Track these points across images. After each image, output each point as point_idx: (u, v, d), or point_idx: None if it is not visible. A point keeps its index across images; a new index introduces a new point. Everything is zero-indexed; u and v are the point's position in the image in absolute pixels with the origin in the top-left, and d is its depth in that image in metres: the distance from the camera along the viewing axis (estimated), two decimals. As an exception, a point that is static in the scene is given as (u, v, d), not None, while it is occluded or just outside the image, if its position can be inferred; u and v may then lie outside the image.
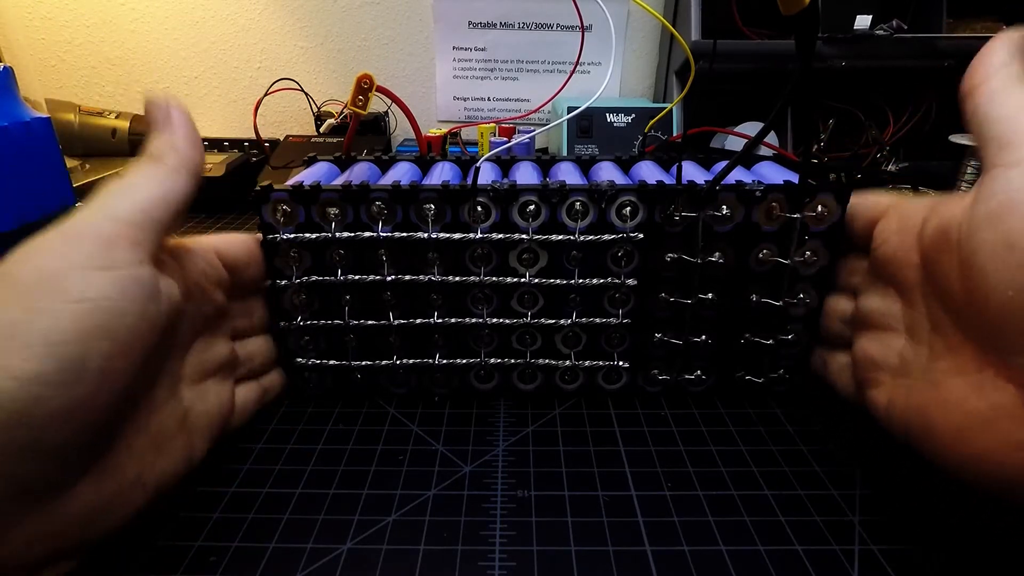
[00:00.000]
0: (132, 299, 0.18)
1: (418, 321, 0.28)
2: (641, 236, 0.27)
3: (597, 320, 0.28)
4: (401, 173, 0.30)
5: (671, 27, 0.54)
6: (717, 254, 0.27)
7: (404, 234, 0.27)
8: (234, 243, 0.26)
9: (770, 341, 0.29)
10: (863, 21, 0.57)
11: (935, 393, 0.21)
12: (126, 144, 0.70)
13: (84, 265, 0.18)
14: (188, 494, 0.24)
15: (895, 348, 0.24)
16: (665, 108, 0.40)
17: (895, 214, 0.24)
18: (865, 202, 0.26)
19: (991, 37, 0.21)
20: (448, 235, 0.27)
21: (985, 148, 0.20)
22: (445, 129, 0.54)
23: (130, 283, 0.18)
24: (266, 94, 0.59)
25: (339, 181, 0.29)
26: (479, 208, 0.27)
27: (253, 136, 0.63)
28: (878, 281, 0.25)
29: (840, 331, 0.27)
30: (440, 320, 0.28)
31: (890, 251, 0.24)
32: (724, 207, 0.26)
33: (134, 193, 0.20)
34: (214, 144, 0.70)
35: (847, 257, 0.27)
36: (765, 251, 0.27)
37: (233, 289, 0.26)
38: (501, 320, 0.28)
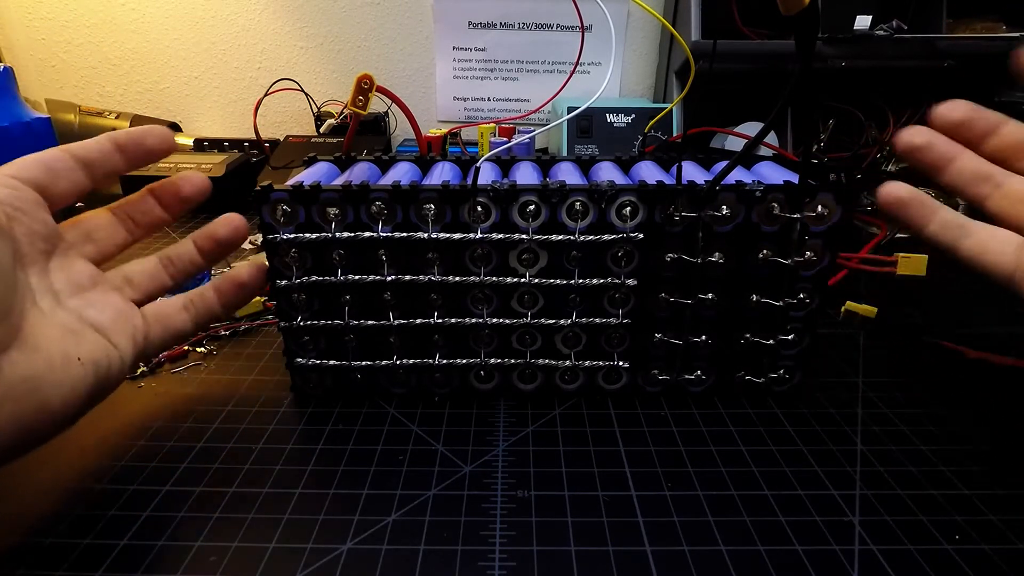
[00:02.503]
0: None
1: (418, 321, 0.28)
2: (641, 236, 0.27)
3: (597, 320, 0.28)
4: (401, 173, 0.30)
5: (671, 27, 0.54)
6: (717, 254, 0.27)
7: (404, 234, 0.27)
8: (28, 166, 0.24)
9: (770, 341, 0.29)
10: (863, 21, 0.57)
11: None
12: (126, 144, 0.70)
13: None
14: (189, 494, 0.24)
15: None
16: (665, 108, 0.40)
17: None
18: None
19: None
20: (448, 235, 0.27)
21: None
22: (445, 129, 0.54)
23: None
24: (266, 94, 0.59)
25: (339, 181, 0.29)
26: (479, 208, 0.27)
27: (253, 136, 0.63)
28: None
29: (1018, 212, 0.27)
30: (440, 320, 0.28)
31: None
32: (724, 207, 0.26)
33: None
34: (214, 144, 0.70)
35: None
36: (765, 251, 0.27)
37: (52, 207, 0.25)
38: (501, 320, 0.28)
